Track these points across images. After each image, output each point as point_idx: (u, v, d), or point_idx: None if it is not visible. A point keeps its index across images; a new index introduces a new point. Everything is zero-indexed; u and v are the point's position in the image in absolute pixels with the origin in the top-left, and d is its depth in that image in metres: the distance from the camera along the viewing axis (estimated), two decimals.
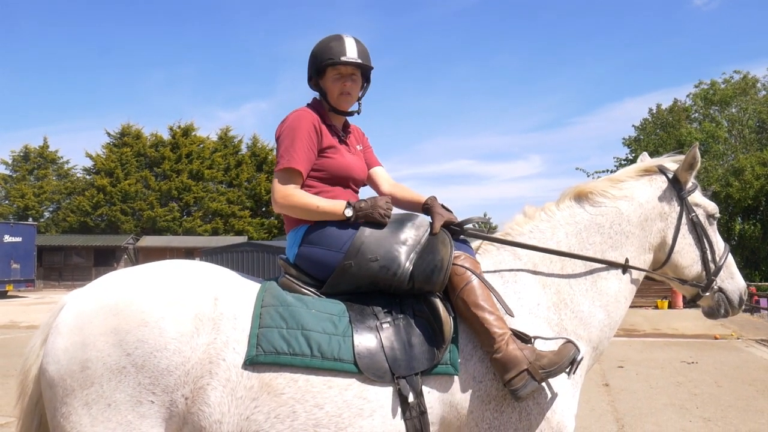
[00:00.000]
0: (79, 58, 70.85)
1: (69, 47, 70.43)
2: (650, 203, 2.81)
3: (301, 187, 2.66)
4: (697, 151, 2.81)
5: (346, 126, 2.91)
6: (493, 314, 2.41)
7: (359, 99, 2.86)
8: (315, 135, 2.67)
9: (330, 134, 2.75)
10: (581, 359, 2.40)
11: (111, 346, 2.26)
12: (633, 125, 36.59)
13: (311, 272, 2.61)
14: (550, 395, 2.45)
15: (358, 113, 2.88)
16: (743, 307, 2.93)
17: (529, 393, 2.33)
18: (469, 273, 2.47)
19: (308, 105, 2.82)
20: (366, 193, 2.93)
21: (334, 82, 2.75)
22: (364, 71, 2.82)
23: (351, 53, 2.74)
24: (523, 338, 2.44)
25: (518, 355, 2.35)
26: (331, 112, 2.81)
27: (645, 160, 3.03)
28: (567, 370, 2.39)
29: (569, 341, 2.42)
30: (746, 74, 33.60)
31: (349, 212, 2.56)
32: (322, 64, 2.75)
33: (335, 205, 2.59)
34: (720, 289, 2.85)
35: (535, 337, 2.46)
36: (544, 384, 2.40)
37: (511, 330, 2.43)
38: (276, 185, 2.63)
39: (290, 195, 2.60)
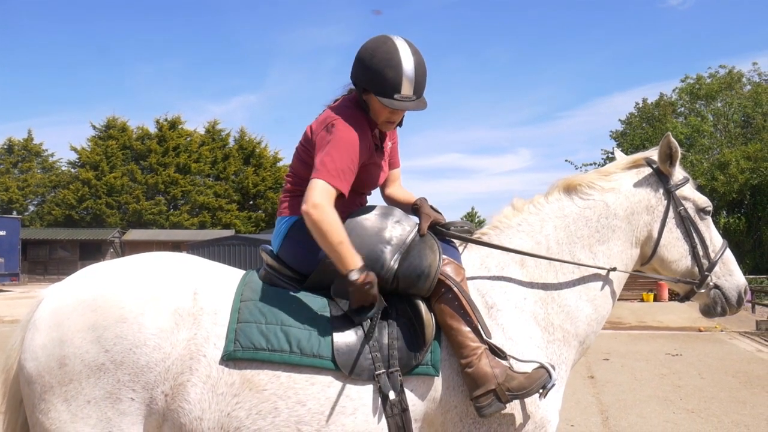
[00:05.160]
0: (64, 50, 70.07)
1: (54, 40, 69.59)
2: (636, 196, 2.75)
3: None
4: (672, 139, 2.71)
5: None
6: (468, 326, 2.37)
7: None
8: (363, 156, 2.52)
9: (372, 146, 2.60)
10: (552, 386, 2.36)
11: (89, 342, 2.23)
12: (619, 120, 36.87)
13: (293, 266, 2.57)
14: None
15: (400, 126, 2.68)
16: (743, 305, 2.82)
17: (492, 413, 2.30)
18: (450, 281, 2.42)
19: (356, 104, 2.57)
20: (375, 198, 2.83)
21: (382, 107, 2.50)
22: None
23: (406, 90, 2.43)
24: (498, 354, 2.39)
25: (488, 373, 2.31)
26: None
27: (618, 156, 2.98)
28: (538, 393, 2.36)
29: (542, 366, 2.37)
30: (731, 69, 33.91)
31: (354, 276, 2.29)
32: (374, 93, 2.47)
33: (352, 256, 2.32)
34: (716, 286, 2.75)
35: (511, 356, 2.41)
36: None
37: (488, 344, 2.38)
38: (316, 192, 2.36)
39: (324, 210, 2.33)
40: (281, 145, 68.51)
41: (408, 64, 2.43)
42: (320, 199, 2.35)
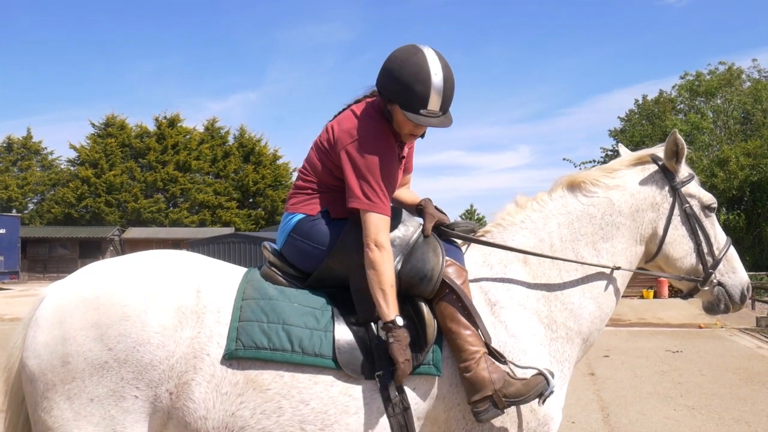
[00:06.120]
0: (63, 48, 69.99)
1: (53, 37, 69.52)
2: (641, 193, 2.73)
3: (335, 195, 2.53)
4: (678, 136, 2.69)
5: None
6: (468, 329, 2.36)
7: None
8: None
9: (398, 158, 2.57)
10: (550, 393, 2.35)
11: (92, 340, 2.22)
12: (618, 117, 36.84)
13: (296, 264, 2.56)
14: None
15: (422, 138, 2.61)
16: (746, 302, 2.82)
17: (489, 419, 2.30)
18: (452, 284, 2.41)
19: (381, 114, 2.50)
20: None
21: (406, 121, 2.43)
22: None
23: (433, 106, 2.38)
24: (498, 358, 2.38)
25: (485, 378, 2.29)
26: None
27: (623, 152, 2.97)
28: (536, 400, 2.35)
29: (541, 373, 2.36)
30: (731, 65, 33.84)
31: (400, 321, 2.30)
32: (399, 106, 2.41)
33: (395, 302, 2.33)
34: (720, 283, 2.74)
35: (511, 362, 2.40)
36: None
37: (488, 348, 2.37)
38: (376, 229, 2.36)
39: (385, 251, 2.35)
40: (281, 143, 68.71)
41: (437, 78, 2.37)
42: (383, 237, 2.38)
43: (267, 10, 77.75)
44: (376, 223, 2.38)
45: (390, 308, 2.32)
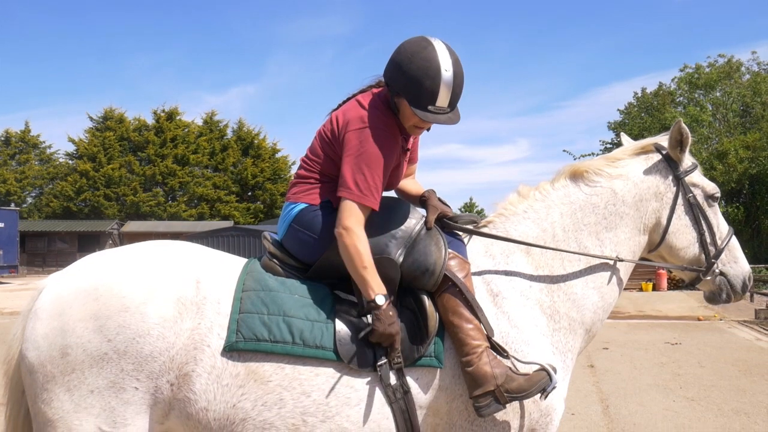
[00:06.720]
0: (61, 42, 69.76)
1: (51, 31, 69.26)
2: (645, 183, 2.71)
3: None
4: (683, 125, 2.68)
5: None
6: (470, 323, 2.34)
7: None
8: (393, 165, 2.47)
9: (400, 150, 2.54)
10: (552, 389, 2.34)
11: (91, 332, 2.21)
12: (618, 110, 36.80)
13: (297, 255, 2.54)
14: None
15: (428, 130, 2.57)
16: (747, 292, 2.82)
17: (491, 413, 2.29)
18: (454, 278, 2.39)
19: (387, 105, 2.47)
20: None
21: (412, 115, 2.40)
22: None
23: (442, 102, 2.34)
24: (500, 352, 2.37)
25: (487, 373, 2.27)
26: None
27: (625, 141, 2.96)
28: (538, 395, 2.34)
29: (543, 368, 2.34)
30: (731, 58, 33.77)
31: (380, 300, 2.27)
32: (407, 101, 2.37)
33: (377, 283, 2.30)
34: (722, 273, 2.73)
35: (514, 357, 2.38)
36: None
37: (490, 342, 2.36)
38: (348, 215, 2.34)
39: (354, 234, 2.31)
40: (280, 136, 68.67)
41: (447, 74, 2.32)
42: (351, 222, 2.34)
43: (265, 4, 77.69)
44: (350, 209, 2.35)
45: (368, 288, 2.29)
